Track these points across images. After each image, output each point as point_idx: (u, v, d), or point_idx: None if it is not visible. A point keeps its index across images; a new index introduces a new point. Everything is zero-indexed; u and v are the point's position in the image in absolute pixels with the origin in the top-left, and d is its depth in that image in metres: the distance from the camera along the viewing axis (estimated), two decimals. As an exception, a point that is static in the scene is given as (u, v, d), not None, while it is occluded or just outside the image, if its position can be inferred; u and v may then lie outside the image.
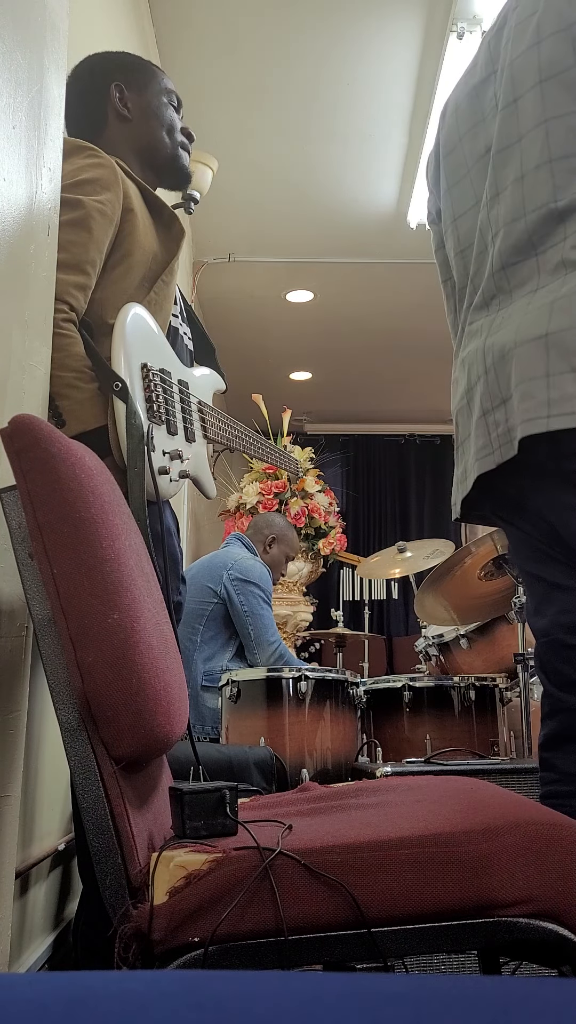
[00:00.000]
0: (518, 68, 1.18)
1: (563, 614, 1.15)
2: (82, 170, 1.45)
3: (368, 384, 6.34)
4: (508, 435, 1.14)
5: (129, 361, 1.38)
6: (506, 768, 1.81)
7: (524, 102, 1.17)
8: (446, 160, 1.34)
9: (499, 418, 1.16)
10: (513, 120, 1.18)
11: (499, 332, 1.18)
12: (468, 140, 1.29)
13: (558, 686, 1.17)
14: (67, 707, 0.86)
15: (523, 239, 1.16)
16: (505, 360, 1.14)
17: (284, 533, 3.44)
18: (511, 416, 1.13)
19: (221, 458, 1.75)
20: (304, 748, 2.13)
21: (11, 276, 1.13)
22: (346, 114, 3.54)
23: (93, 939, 1.39)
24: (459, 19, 2.96)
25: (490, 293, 1.23)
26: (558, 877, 0.80)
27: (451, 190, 1.33)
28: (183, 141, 1.70)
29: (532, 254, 1.16)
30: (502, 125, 1.20)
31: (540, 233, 1.15)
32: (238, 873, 0.78)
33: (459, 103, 1.32)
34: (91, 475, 0.93)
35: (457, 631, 2.63)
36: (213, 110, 3.51)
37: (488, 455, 1.18)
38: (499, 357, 1.16)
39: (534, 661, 1.25)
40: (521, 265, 1.17)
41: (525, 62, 1.17)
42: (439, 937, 0.79)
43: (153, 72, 1.69)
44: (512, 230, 1.17)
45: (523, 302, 1.16)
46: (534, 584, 1.23)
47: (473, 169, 1.28)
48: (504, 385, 1.15)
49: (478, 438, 1.20)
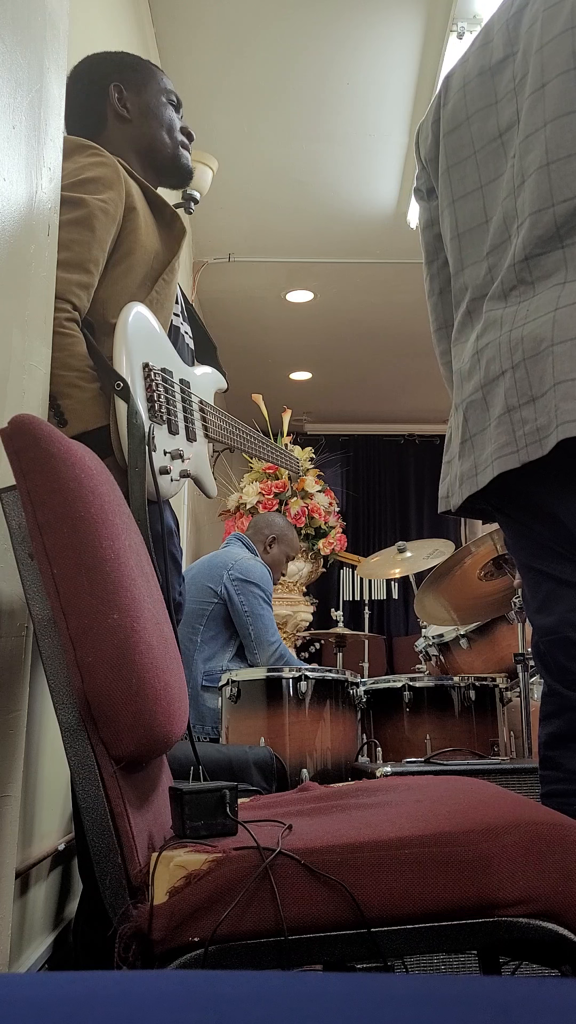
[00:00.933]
0: (548, 54, 1.14)
1: (574, 612, 1.14)
2: (84, 169, 1.45)
3: (368, 384, 6.34)
4: (537, 434, 1.10)
5: (131, 360, 1.38)
6: (506, 768, 1.81)
7: (552, 88, 1.13)
8: (448, 137, 1.30)
9: (527, 416, 1.11)
10: (540, 106, 1.15)
11: (528, 325, 1.13)
12: (477, 120, 1.25)
13: (565, 684, 1.15)
14: (67, 707, 0.86)
15: (550, 230, 1.13)
16: (540, 357, 1.10)
17: (284, 533, 3.44)
18: (541, 415, 1.09)
19: (221, 458, 1.75)
20: (304, 748, 2.13)
21: (11, 276, 1.13)
22: (346, 114, 3.54)
23: (93, 939, 1.39)
24: (459, 19, 2.96)
25: (510, 284, 1.19)
26: (559, 877, 0.80)
27: (451, 169, 1.29)
28: (183, 140, 1.70)
29: (559, 246, 1.12)
30: (529, 111, 1.16)
31: (569, 225, 1.11)
32: (238, 873, 0.78)
33: (468, 81, 1.27)
34: (91, 475, 0.93)
35: (457, 631, 2.62)
36: (213, 110, 3.51)
37: (511, 453, 1.13)
38: (532, 353, 1.11)
39: (534, 659, 1.23)
40: (546, 257, 1.14)
41: (556, 48, 1.13)
42: (439, 937, 0.79)
43: (152, 71, 1.69)
44: (539, 220, 1.14)
45: (550, 295, 1.13)
46: (539, 581, 1.20)
47: (480, 152, 1.24)
48: (536, 382, 1.10)
49: (500, 435, 1.15)
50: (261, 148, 3.76)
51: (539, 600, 1.20)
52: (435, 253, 1.40)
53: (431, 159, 1.35)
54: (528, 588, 1.24)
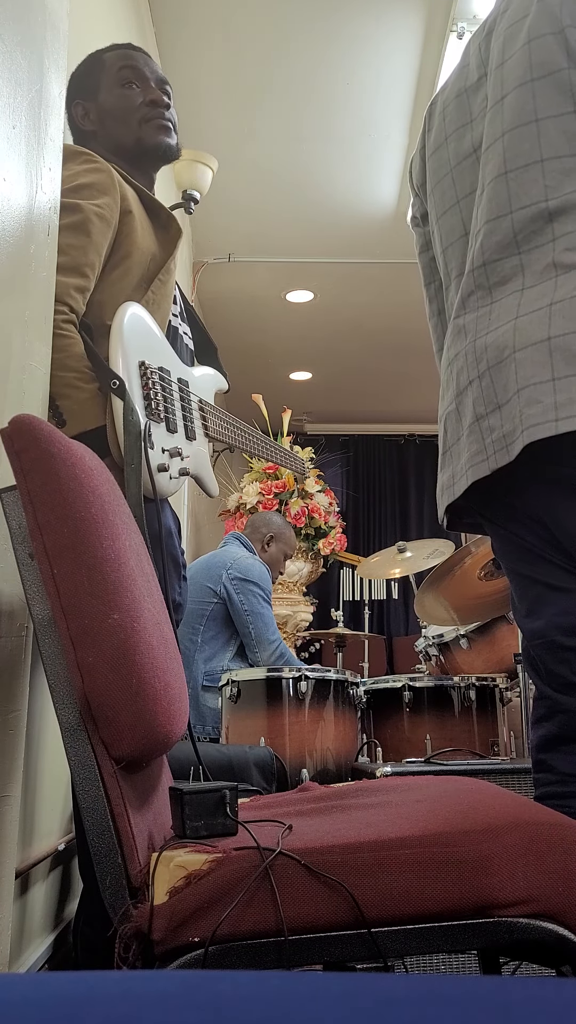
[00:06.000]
0: (508, 68, 1.18)
1: (561, 616, 1.14)
2: (79, 175, 1.47)
3: (368, 384, 6.34)
4: (503, 440, 1.13)
5: (127, 359, 1.38)
6: (506, 768, 1.81)
7: (510, 100, 1.17)
8: (430, 160, 1.34)
9: (494, 423, 1.14)
10: (499, 118, 1.19)
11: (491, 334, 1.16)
12: (454, 140, 1.29)
13: (555, 688, 1.16)
14: (67, 707, 0.86)
15: (507, 236, 1.16)
16: (503, 365, 1.13)
17: (281, 531, 3.44)
18: (507, 421, 1.12)
19: (221, 458, 1.75)
20: (304, 748, 2.13)
21: (11, 276, 1.13)
22: (346, 114, 3.54)
23: (93, 939, 1.39)
24: (459, 19, 2.97)
25: (468, 290, 1.22)
26: (558, 877, 0.80)
27: (434, 189, 1.33)
28: (145, 113, 1.60)
29: (515, 252, 1.15)
30: (489, 123, 1.20)
31: (526, 231, 1.14)
32: (238, 873, 0.78)
33: (447, 105, 1.32)
34: (91, 475, 0.93)
35: (457, 631, 2.63)
36: (213, 110, 3.51)
37: (482, 461, 1.16)
38: (495, 361, 1.14)
39: (524, 663, 1.24)
40: (503, 263, 1.17)
41: (516, 62, 1.17)
42: (439, 937, 0.79)
43: (100, 64, 1.63)
44: (496, 227, 1.17)
45: (509, 302, 1.15)
46: (527, 586, 1.21)
47: (456, 168, 1.28)
48: (500, 390, 1.14)
49: (471, 444, 1.18)
50: (261, 148, 3.76)
51: (527, 605, 1.21)
52: (431, 276, 1.44)
53: (421, 184, 1.40)
54: (516, 593, 1.25)
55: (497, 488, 1.19)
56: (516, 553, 1.22)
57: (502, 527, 1.23)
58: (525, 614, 1.21)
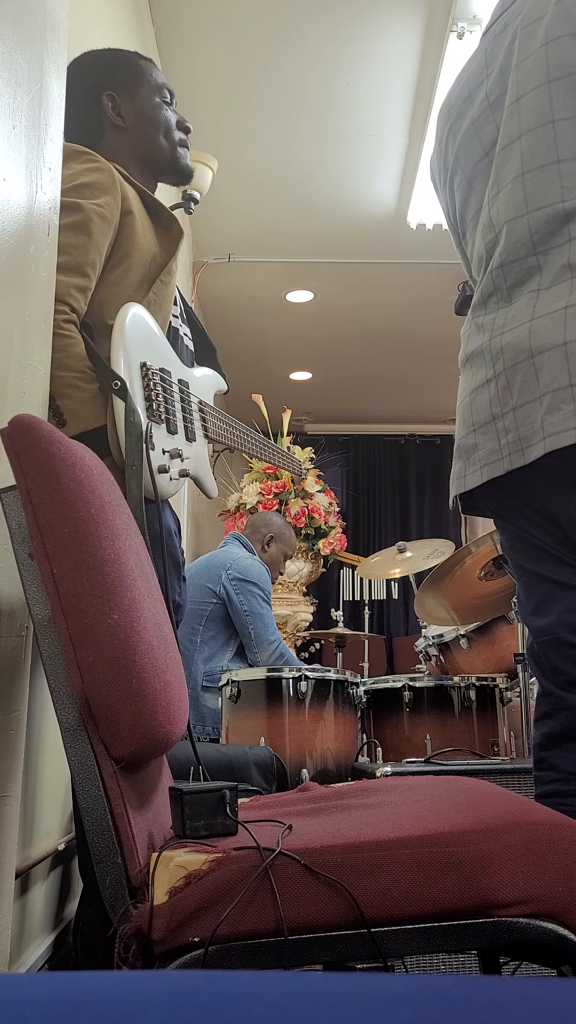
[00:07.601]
0: (525, 69, 1.18)
1: (569, 613, 1.15)
2: (80, 175, 1.46)
3: (368, 384, 6.33)
4: (519, 443, 1.14)
5: (128, 360, 1.38)
6: (506, 768, 1.81)
7: (527, 100, 1.18)
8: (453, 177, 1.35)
9: (509, 424, 1.16)
10: (515, 119, 1.19)
11: (507, 334, 1.17)
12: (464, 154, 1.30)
13: (559, 685, 1.16)
14: (67, 707, 0.86)
15: (524, 237, 1.17)
16: (519, 367, 1.14)
17: (281, 532, 3.44)
18: (523, 425, 1.13)
19: (221, 458, 1.75)
20: (304, 748, 2.13)
21: (11, 276, 1.13)
22: (346, 114, 3.54)
23: (93, 939, 1.39)
24: (459, 19, 2.96)
25: (488, 290, 1.23)
26: (558, 877, 0.80)
27: (462, 205, 1.34)
28: (181, 138, 1.69)
29: (532, 252, 1.16)
30: (506, 124, 1.21)
31: (543, 232, 1.15)
32: (238, 873, 0.78)
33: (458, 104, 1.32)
34: (91, 475, 0.93)
35: (457, 631, 2.63)
36: (213, 110, 3.51)
37: (496, 461, 1.18)
38: (511, 363, 1.16)
39: (528, 660, 1.24)
40: (520, 263, 1.18)
41: (533, 63, 1.17)
42: (439, 937, 0.79)
43: (142, 70, 1.67)
44: (513, 228, 1.18)
45: (525, 302, 1.16)
46: (535, 583, 1.21)
47: (476, 179, 1.29)
48: (517, 392, 1.15)
49: (486, 442, 1.20)
50: (261, 148, 3.76)
51: (534, 602, 1.21)
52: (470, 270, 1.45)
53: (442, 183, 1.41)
54: (523, 590, 1.25)
55: (509, 485, 1.20)
56: (525, 550, 1.22)
57: (512, 523, 1.24)
58: (532, 611, 1.21)
